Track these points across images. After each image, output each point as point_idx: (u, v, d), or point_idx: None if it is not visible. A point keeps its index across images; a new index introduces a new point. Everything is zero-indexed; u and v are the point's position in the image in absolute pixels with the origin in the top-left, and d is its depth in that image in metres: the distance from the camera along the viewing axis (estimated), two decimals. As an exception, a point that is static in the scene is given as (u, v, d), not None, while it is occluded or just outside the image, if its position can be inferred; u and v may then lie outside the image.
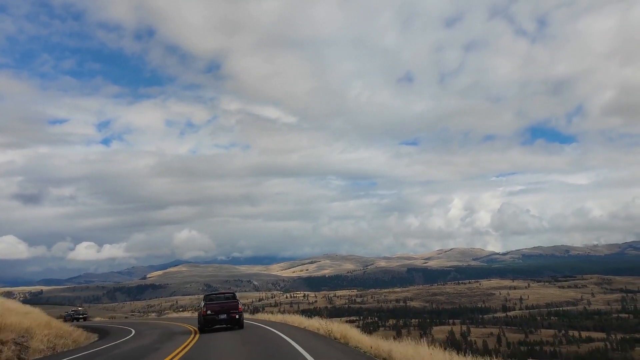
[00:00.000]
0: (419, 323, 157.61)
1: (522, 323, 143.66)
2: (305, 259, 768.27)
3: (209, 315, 23.32)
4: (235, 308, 23.83)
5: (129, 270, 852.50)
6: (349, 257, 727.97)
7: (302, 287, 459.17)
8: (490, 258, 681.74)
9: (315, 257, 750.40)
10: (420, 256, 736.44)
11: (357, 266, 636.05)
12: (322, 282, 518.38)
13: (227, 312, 23.56)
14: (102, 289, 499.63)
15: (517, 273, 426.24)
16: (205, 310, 23.53)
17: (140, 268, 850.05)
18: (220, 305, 23.78)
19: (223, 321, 23.51)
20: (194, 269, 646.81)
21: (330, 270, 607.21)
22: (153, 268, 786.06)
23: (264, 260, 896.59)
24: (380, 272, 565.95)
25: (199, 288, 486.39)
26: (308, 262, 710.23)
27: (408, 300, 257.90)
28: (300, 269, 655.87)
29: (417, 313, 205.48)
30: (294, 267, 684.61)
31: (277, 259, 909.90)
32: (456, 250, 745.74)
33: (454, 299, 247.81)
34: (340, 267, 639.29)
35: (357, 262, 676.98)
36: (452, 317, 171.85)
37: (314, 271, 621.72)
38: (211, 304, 23.97)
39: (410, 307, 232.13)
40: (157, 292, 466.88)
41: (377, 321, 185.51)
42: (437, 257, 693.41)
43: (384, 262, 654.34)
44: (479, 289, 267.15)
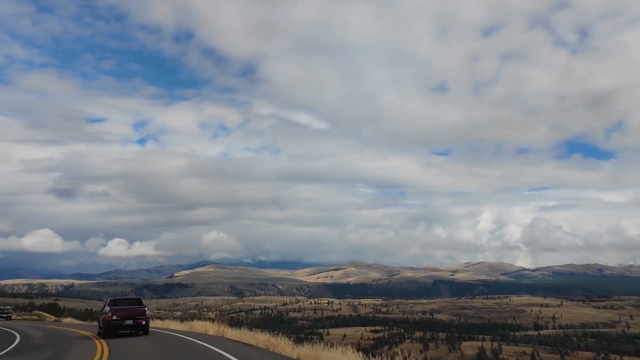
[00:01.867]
0: (447, 337, 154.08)
1: (556, 343, 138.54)
2: (330, 265, 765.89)
3: (114, 321, 22.32)
4: (142, 314, 22.96)
5: (157, 268, 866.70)
6: (375, 266, 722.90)
7: (327, 294, 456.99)
8: (520, 273, 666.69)
9: (340, 264, 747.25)
10: (447, 268, 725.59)
11: (382, 275, 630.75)
12: (347, 289, 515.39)
13: (134, 317, 22.61)
14: (130, 286, 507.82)
15: (548, 290, 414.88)
16: (111, 315, 22.41)
17: (168, 267, 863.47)
18: (127, 311, 22.87)
19: (129, 327, 22.61)
20: (221, 270, 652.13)
21: (355, 278, 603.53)
22: (181, 267, 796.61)
23: (289, 265, 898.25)
24: (406, 282, 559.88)
25: (225, 289, 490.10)
26: (333, 268, 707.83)
27: (435, 313, 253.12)
28: (325, 276, 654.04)
29: (444, 326, 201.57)
30: (319, 273, 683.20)
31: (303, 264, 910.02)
32: (484, 264, 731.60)
33: (483, 313, 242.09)
34: (365, 275, 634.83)
35: (382, 271, 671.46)
36: (481, 333, 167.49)
37: (339, 278, 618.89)
38: (117, 309, 22.93)
39: (437, 320, 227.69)
40: (184, 291, 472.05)
41: (402, 332, 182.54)
42: (464, 270, 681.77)
43: (410, 273, 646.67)
44: (508, 305, 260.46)
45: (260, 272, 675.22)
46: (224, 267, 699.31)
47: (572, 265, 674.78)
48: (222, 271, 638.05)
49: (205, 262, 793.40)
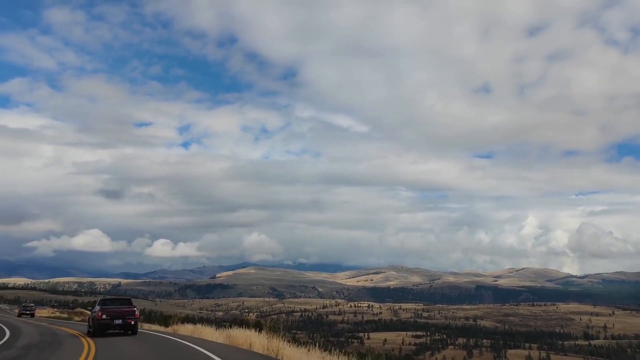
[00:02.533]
0: (491, 344, 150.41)
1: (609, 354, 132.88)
2: (370, 268, 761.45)
3: (104, 320, 22.36)
4: (131, 314, 22.92)
5: (200, 269, 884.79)
6: (415, 270, 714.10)
7: (366, 297, 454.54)
8: (567, 280, 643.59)
9: (380, 268, 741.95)
10: (490, 274, 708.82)
11: (423, 279, 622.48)
12: (387, 293, 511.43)
13: (123, 317, 22.58)
14: (174, 286, 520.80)
15: (597, 299, 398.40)
16: (101, 314, 22.48)
17: (210, 267, 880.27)
18: (117, 311, 22.85)
19: (118, 326, 22.61)
20: (261, 271, 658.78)
21: (395, 282, 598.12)
22: (222, 268, 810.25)
23: (329, 268, 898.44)
24: (448, 287, 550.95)
25: (265, 291, 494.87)
26: (373, 272, 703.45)
27: (478, 319, 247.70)
28: (364, 279, 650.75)
29: (488, 333, 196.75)
30: (358, 277, 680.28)
31: (342, 267, 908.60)
32: (529, 269, 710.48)
33: (529, 321, 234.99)
34: (406, 279, 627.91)
35: (423, 276, 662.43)
36: (527, 341, 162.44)
37: (379, 282, 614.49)
38: (107, 308, 22.99)
39: (480, 326, 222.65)
40: (226, 291, 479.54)
41: (445, 338, 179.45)
42: (507, 276, 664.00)
43: (451, 277, 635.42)
44: (556, 312, 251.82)
45: (300, 274, 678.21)
46: (264, 268, 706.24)
47: (624, 272, 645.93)
48: (263, 273, 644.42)
49: (247, 264, 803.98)
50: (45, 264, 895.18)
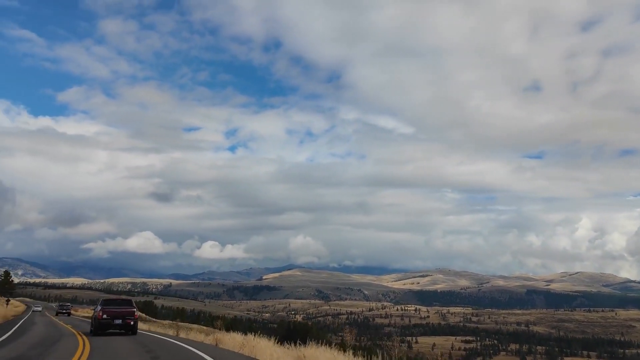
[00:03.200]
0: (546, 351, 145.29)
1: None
2: (416, 272, 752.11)
3: (104, 320, 22.51)
4: (131, 315, 23.13)
5: (247, 270, 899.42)
6: (463, 273, 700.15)
7: (413, 301, 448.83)
8: (625, 285, 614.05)
9: (427, 271, 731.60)
10: (542, 278, 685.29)
11: (471, 283, 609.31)
12: (434, 296, 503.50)
13: (123, 317, 22.74)
14: (222, 287, 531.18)
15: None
16: (101, 314, 22.65)
17: (257, 269, 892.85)
18: (117, 311, 23.03)
19: (118, 326, 22.81)
20: (307, 274, 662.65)
21: (443, 285, 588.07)
22: (269, 270, 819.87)
23: (374, 271, 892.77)
24: (497, 291, 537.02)
25: (311, 293, 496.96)
26: (419, 275, 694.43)
27: (530, 325, 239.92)
28: (411, 282, 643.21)
29: (542, 339, 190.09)
30: (405, 280, 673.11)
31: (388, 270, 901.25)
32: (583, 274, 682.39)
33: (586, 327, 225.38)
34: (453, 282, 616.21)
35: (471, 279, 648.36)
36: (585, 348, 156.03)
37: (426, 285, 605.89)
38: (108, 308, 23.18)
39: (533, 332, 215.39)
40: (272, 293, 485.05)
41: (496, 344, 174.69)
42: (560, 280, 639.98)
43: (501, 281, 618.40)
44: (615, 319, 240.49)
45: (346, 276, 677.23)
46: (310, 271, 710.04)
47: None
48: (309, 275, 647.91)
49: (292, 266, 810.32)
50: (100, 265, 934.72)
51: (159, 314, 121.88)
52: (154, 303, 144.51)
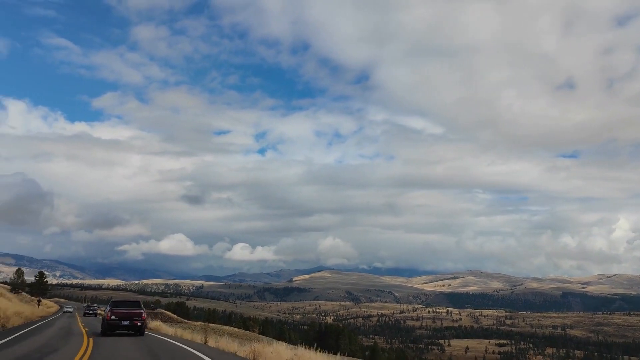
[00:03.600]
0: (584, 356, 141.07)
1: None
2: (447, 273, 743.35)
3: (112, 321, 22.96)
4: (138, 316, 23.44)
5: (277, 272, 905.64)
6: (495, 275, 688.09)
7: (444, 303, 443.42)
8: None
9: (458, 273, 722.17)
10: (578, 280, 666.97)
11: (504, 285, 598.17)
12: (466, 299, 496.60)
13: (131, 318, 23.13)
14: (253, 288, 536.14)
15: None
16: (110, 315, 23.14)
17: (287, 271, 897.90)
18: (125, 312, 23.47)
19: (125, 327, 23.19)
20: (337, 275, 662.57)
21: (474, 288, 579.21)
22: (299, 272, 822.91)
23: (404, 272, 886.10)
24: (531, 293, 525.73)
25: (341, 295, 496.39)
26: (450, 277, 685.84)
27: (567, 328, 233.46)
28: (442, 284, 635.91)
29: (580, 343, 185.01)
30: (435, 282, 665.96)
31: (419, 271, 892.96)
32: (622, 276, 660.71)
33: (626, 332, 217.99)
34: (485, 285, 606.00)
35: (504, 281, 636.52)
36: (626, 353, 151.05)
37: (457, 287, 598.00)
38: (116, 309, 23.61)
39: (570, 336, 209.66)
40: (302, 295, 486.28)
41: (532, 347, 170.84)
42: (597, 283, 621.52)
43: (535, 283, 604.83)
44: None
45: (376, 278, 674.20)
46: (340, 272, 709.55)
47: None
48: (339, 277, 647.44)
49: (322, 268, 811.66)
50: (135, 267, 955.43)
51: (191, 315, 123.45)
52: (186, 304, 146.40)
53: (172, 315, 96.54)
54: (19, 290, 77.82)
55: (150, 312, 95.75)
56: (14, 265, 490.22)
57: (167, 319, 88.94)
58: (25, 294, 75.29)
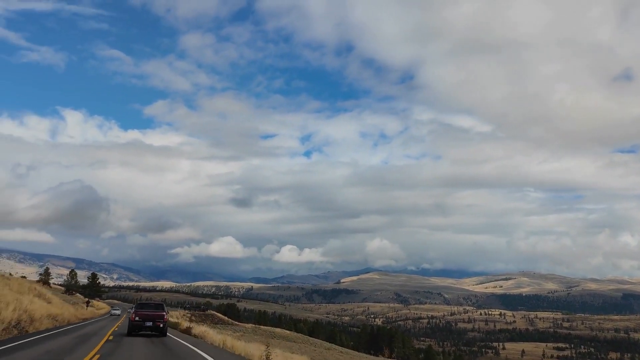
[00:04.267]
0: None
1: None
2: (498, 274, 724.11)
3: (136, 322, 24.14)
4: (161, 317, 24.51)
5: (324, 274, 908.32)
6: (550, 276, 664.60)
7: (496, 305, 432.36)
8: None
9: (510, 274, 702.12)
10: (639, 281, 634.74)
11: (559, 286, 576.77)
12: (519, 300, 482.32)
13: (153, 320, 24.25)
14: (301, 290, 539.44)
15: None
16: (134, 316, 24.38)
17: (334, 273, 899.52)
18: (148, 314, 24.65)
19: (148, 328, 24.30)
20: (385, 277, 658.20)
21: (528, 289, 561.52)
22: (346, 274, 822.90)
23: (453, 274, 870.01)
24: (588, 295, 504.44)
25: (389, 296, 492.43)
26: (502, 278, 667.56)
27: (631, 332, 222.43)
28: (493, 285, 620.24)
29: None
30: (486, 283, 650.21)
31: (468, 273, 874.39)
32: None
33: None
34: (539, 286, 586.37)
35: (559, 282, 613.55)
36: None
37: (510, 288, 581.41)
38: (140, 311, 24.90)
39: (634, 340, 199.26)
40: (350, 296, 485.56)
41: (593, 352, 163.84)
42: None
43: (592, 285, 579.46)
44: None
45: (424, 280, 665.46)
46: (388, 274, 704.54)
47: None
48: (387, 278, 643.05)
49: (370, 269, 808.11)
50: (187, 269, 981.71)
51: (241, 317, 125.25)
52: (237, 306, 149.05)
53: (223, 317, 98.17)
54: (73, 292, 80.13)
55: (201, 314, 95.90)
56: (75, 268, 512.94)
57: (218, 321, 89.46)
58: (79, 295, 77.66)
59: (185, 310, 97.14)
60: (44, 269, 79.88)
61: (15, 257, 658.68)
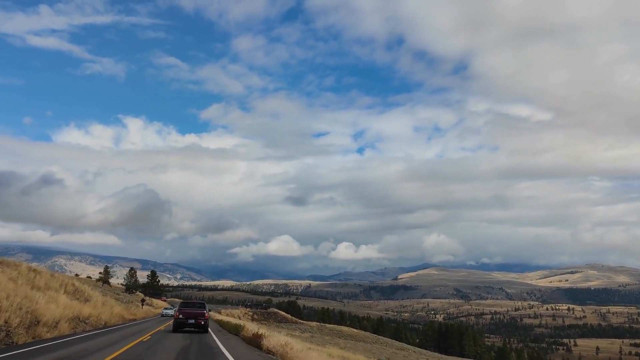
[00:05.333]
0: None
1: None
2: (563, 268, 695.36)
3: (180, 319, 25.70)
4: (202, 315, 26.00)
5: (381, 270, 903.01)
6: (620, 269, 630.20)
7: (562, 299, 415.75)
8: None
9: (576, 267, 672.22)
10: None
11: (632, 279, 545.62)
12: (587, 294, 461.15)
13: (195, 317, 25.74)
14: (359, 287, 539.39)
15: None
16: (178, 314, 26.06)
17: (391, 269, 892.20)
18: (191, 312, 26.21)
19: (191, 325, 25.73)
20: (444, 272, 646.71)
21: (596, 283, 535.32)
22: (403, 270, 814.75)
23: (514, 268, 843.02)
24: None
25: (449, 292, 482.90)
26: (568, 271, 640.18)
27: None
28: (558, 279, 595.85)
29: None
30: (551, 277, 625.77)
31: (530, 267, 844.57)
32: None
33: None
34: (609, 279, 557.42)
35: (631, 275, 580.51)
36: None
37: (576, 282, 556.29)
38: (184, 309, 26.53)
39: None
40: (408, 293, 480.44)
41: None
42: None
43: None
44: None
45: (485, 274, 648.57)
46: (446, 269, 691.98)
47: None
48: (446, 274, 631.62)
49: (427, 265, 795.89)
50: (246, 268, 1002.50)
51: (302, 314, 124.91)
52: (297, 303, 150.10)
53: (286, 315, 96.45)
54: (133, 290, 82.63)
55: (263, 312, 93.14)
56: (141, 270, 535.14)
57: (282, 320, 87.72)
58: (140, 294, 79.63)
59: (247, 309, 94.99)
60: (106, 268, 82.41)
61: (86, 259, 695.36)
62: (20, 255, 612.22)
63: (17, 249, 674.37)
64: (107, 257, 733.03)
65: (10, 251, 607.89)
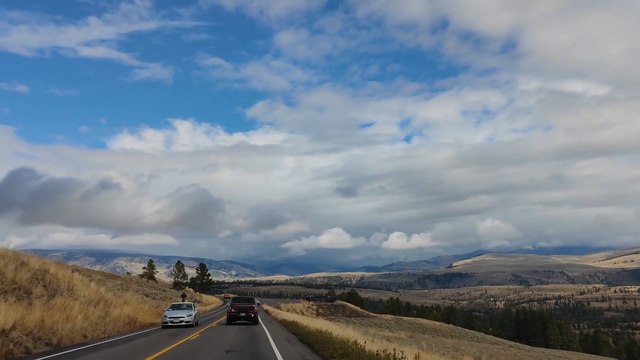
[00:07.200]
0: None
1: None
2: (628, 248, 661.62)
3: (232, 313, 28.79)
4: (251, 309, 28.94)
5: (435, 259, 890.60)
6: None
7: (629, 281, 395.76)
8: None
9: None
10: None
11: None
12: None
13: (246, 311, 28.75)
14: (412, 276, 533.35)
15: None
16: (231, 309, 29.19)
17: (445, 257, 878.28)
18: (242, 306, 29.23)
19: (243, 318, 28.62)
20: (499, 258, 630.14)
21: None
22: (457, 257, 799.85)
23: (574, 250, 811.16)
24: None
25: (507, 278, 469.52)
26: (633, 252, 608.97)
27: None
28: (623, 260, 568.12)
29: None
30: (615, 258, 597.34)
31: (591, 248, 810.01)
32: None
33: None
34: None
35: None
36: None
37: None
38: (236, 304, 29.83)
39: None
40: (464, 280, 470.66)
41: None
42: None
43: None
44: None
45: (543, 258, 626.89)
46: (502, 255, 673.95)
47: None
48: (502, 259, 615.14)
49: (482, 251, 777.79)
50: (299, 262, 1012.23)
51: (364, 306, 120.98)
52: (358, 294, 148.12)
53: (356, 308, 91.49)
54: (182, 286, 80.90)
55: (329, 305, 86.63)
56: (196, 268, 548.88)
57: (351, 313, 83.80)
58: (190, 290, 78.43)
59: (310, 302, 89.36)
60: (150, 262, 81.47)
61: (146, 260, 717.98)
62: (84, 259, 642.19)
63: (81, 253, 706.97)
64: (165, 257, 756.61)
65: (74, 255, 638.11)
